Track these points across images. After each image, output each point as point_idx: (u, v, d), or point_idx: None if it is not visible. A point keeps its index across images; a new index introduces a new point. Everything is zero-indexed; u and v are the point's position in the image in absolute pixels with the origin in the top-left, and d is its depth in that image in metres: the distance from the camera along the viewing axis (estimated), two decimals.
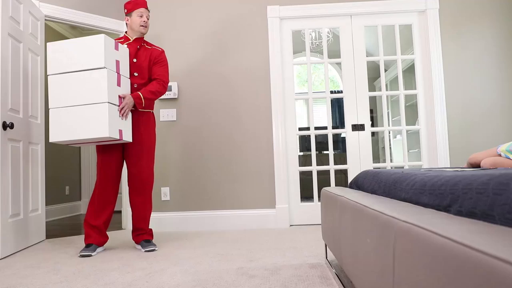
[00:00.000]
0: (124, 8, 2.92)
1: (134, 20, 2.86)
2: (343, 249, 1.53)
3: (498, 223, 0.73)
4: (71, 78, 2.52)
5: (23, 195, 2.98)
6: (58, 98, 2.52)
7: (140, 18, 2.85)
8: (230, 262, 2.33)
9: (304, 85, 8.11)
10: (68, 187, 5.33)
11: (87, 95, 2.49)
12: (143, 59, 2.86)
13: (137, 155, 2.80)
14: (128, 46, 2.85)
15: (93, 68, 2.51)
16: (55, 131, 2.51)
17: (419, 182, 1.15)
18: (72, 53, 2.54)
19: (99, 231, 2.76)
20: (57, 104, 2.52)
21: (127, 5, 2.88)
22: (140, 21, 2.85)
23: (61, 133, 2.50)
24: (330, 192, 1.91)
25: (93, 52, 2.52)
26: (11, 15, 2.87)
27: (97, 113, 2.47)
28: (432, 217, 0.84)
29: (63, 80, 2.53)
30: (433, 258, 0.66)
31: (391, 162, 3.84)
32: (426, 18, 3.74)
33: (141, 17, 2.86)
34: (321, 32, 4.16)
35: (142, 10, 2.87)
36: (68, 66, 2.53)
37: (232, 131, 3.74)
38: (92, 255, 2.63)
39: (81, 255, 2.60)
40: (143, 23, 2.86)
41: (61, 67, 2.54)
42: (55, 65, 2.54)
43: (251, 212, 3.66)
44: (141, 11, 2.86)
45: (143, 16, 2.86)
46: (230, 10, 3.83)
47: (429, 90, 3.72)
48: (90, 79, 2.50)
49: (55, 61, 2.54)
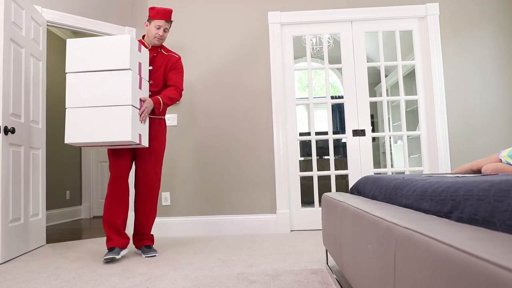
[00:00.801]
0: (149, 12, 2.81)
1: (151, 30, 2.77)
2: (343, 255, 1.53)
3: (499, 229, 0.73)
4: (92, 77, 2.43)
5: (24, 199, 2.98)
6: (76, 98, 2.41)
7: (157, 30, 2.76)
8: (231, 267, 2.32)
9: (305, 90, 8.13)
10: (68, 192, 5.33)
11: (109, 96, 2.40)
12: (158, 66, 2.82)
13: (146, 160, 2.78)
14: None
15: (117, 69, 2.43)
16: (71, 132, 2.41)
17: (420, 188, 1.15)
18: (94, 52, 2.45)
19: (119, 232, 2.68)
20: (75, 104, 2.41)
21: (150, 11, 2.78)
22: (156, 33, 2.76)
23: (78, 134, 2.40)
24: (331, 198, 1.91)
25: (118, 52, 2.44)
26: (14, 20, 2.88)
27: (119, 115, 2.39)
28: (433, 224, 0.84)
29: (83, 79, 2.43)
30: (434, 265, 0.66)
31: (391, 168, 3.84)
32: (427, 24, 3.75)
33: (157, 29, 2.75)
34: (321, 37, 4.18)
35: (161, 23, 2.75)
36: (89, 64, 2.44)
37: (233, 136, 3.74)
38: (117, 257, 2.55)
39: (105, 260, 2.51)
40: (158, 36, 2.76)
41: (82, 65, 2.45)
42: (74, 63, 2.45)
43: (252, 217, 3.66)
44: (160, 23, 2.75)
45: (160, 29, 2.76)
46: (231, 16, 3.85)
47: (430, 95, 3.73)
48: (113, 80, 2.42)
49: (75, 59, 2.45)
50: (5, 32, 2.75)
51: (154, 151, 2.81)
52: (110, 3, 3.88)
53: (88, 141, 2.40)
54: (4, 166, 2.69)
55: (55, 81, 5.12)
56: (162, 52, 2.85)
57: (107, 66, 2.43)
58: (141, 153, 2.79)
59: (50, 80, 4.94)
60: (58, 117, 5.13)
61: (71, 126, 2.41)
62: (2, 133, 2.68)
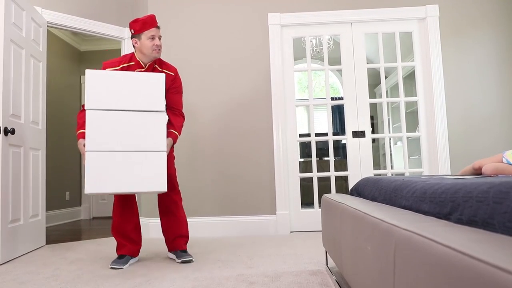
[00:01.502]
0: (130, 29, 2.46)
1: (145, 44, 2.41)
2: (343, 256, 1.53)
3: (499, 231, 0.73)
4: (119, 117, 2.11)
5: (24, 200, 2.98)
6: (98, 140, 2.07)
7: (152, 41, 2.42)
8: (230, 268, 2.32)
9: (304, 92, 8.13)
10: (68, 193, 5.33)
11: (139, 140, 2.11)
12: None
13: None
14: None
15: (150, 110, 2.16)
16: (92, 180, 2.05)
17: (420, 189, 1.15)
18: (121, 88, 2.13)
19: (130, 239, 2.54)
20: (97, 147, 2.07)
21: (134, 25, 2.44)
22: (152, 44, 2.42)
23: (101, 183, 2.06)
24: (331, 199, 1.91)
25: (151, 92, 2.16)
26: (14, 21, 2.89)
27: (152, 162, 2.12)
28: (432, 225, 0.84)
29: (107, 118, 2.09)
30: (433, 266, 0.67)
31: (391, 169, 3.84)
32: (426, 26, 3.75)
33: (152, 40, 2.42)
34: (321, 39, 4.18)
35: (153, 30, 2.43)
36: (115, 102, 2.11)
37: (232, 137, 3.74)
38: (123, 268, 2.40)
39: (112, 268, 2.40)
40: (156, 47, 2.43)
41: (106, 102, 2.11)
42: (96, 99, 2.09)
43: (252, 218, 3.66)
44: (152, 32, 2.43)
45: (155, 38, 2.43)
46: (231, 17, 3.85)
47: (430, 96, 3.73)
48: (145, 122, 2.13)
49: (97, 94, 2.10)
50: (5, 33, 2.75)
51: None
52: (110, 4, 3.88)
53: (113, 191, 2.10)
54: (4, 167, 2.69)
55: (55, 82, 5.12)
56: (157, 68, 2.56)
57: (138, 106, 2.14)
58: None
59: (50, 81, 4.94)
60: (58, 118, 5.13)
61: (93, 173, 2.05)
62: (2, 133, 2.68)
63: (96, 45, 5.85)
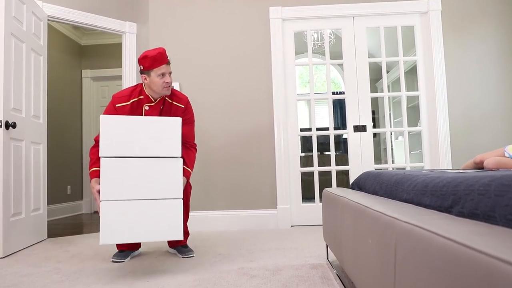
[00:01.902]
0: (139, 64, 2.38)
1: (155, 82, 2.35)
2: (344, 250, 1.53)
3: (500, 224, 0.73)
4: (134, 164, 2.04)
5: (25, 194, 2.99)
6: (114, 189, 2.00)
7: (161, 79, 2.34)
8: (231, 262, 2.33)
9: (306, 86, 8.11)
10: (69, 187, 5.34)
11: (155, 187, 2.05)
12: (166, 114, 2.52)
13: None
14: (151, 108, 2.44)
15: (166, 156, 2.09)
16: (108, 231, 1.98)
17: (421, 183, 1.15)
18: (136, 134, 2.06)
19: None
20: (113, 196, 2.00)
21: (143, 61, 2.34)
22: (162, 82, 2.34)
23: (117, 234, 1.99)
24: (332, 193, 1.91)
25: (167, 137, 2.10)
26: (14, 15, 2.88)
27: (168, 211, 2.06)
28: (433, 218, 0.84)
29: (122, 165, 2.02)
30: (434, 259, 0.67)
31: (392, 163, 3.84)
32: (428, 20, 3.73)
33: (162, 77, 2.34)
34: (323, 33, 4.17)
35: (163, 68, 2.34)
36: (129, 149, 2.05)
37: (233, 132, 3.74)
38: (124, 261, 2.43)
39: (113, 261, 2.42)
40: (165, 84, 2.36)
41: (120, 149, 2.03)
42: (110, 145, 2.02)
43: (252, 212, 3.66)
44: (162, 70, 2.33)
45: (165, 76, 2.35)
46: (232, 11, 3.84)
47: (431, 91, 3.72)
48: (161, 168, 2.07)
49: (111, 140, 2.02)
50: (6, 26, 2.74)
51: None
52: None
53: (129, 241, 2.03)
54: (5, 161, 2.69)
55: (56, 76, 5.12)
56: (167, 100, 2.50)
57: (153, 153, 2.08)
58: None
59: (51, 75, 4.93)
60: (59, 112, 5.13)
61: (108, 223, 1.98)
62: (3, 127, 2.68)
63: (97, 39, 5.83)
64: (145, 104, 2.43)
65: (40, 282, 2.01)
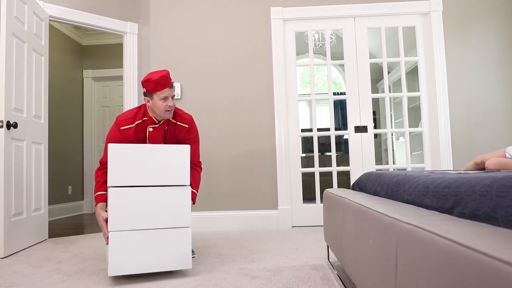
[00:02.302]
0: (143, 87, 2.33)
1: (157, 105, 2.31)
2: (345, 251, 1.53)
3: (501, 225, 0.73)
4: (142, 194, 2.02)
5: (26, 194, 2.99)
6: (123, 219, 1.97)
7: (164, 102, 2.30)
8: (232, 263, 2.33)
9: (307, 87, 8.11)
10: (70, 187, 5.34)
11: (163, 217, 2.03)
12: (170, 137, 2.49)
13: None
14: (155, 130, 2.41)
15: (175, 185, 2.08)
16: (117, 262, 1.94)
17: (422, 184, 1.15)
18: (144, 162, 2.04)
19: None
20: (121, 226, 1.97)
21: (146, 84, 2.29)
22: (165, 105, 2.31)
23: (126, 265, 1.95)
24: (333, 194, 1.91)
25: (175, 166, 2.08)
26: (16, 15, 2.88)
27: (177, 240, 2.04)
28: (435, 219, 0.84)
29: (130, 195, 2.00)
30: (435, 260, 0.66)
31: (393, 164, 3.84)
32: (430, 20, 3.73)
33: (165, 101, 2.30)
34: (324, 33, 4.17)
35: (166, 91, 2.30)
36: (138, 178, 2.02)
37: (234, 132, 3.74)
38: None
39: None
40: (168, 107, 2.32)
41: (128, 178, 2.01)
42: (118, 175, 1.99)
43: (253, 213, 3.66)
44: (165, 93, 2.29)
45: (167, 99, 2.31)
46: (234, 12, 3.84)
47: (432, 92, 3.72)
48: (169, 197, 2.06)
49: (119, 170, 1.99)
50: (7, 26, 2.75)
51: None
52: None
53: (139, 272, 1.99)
54: (6, 161, 2.70)
55: (57, 76, 5.12)
56: (172, 121, 2.48)
57: (162, 181, 2.06)
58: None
59: (52, 75, 4.94)
60: (60, 112, 5.13)
61: (117, 254, 1.95)
62: (4, 127, 2.68)
63: (98, 39, 5.84)
64: (149, 126, 2.41)
65: (41, 282, 2.01)
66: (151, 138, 2.42)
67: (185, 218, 2.07)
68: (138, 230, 1.99)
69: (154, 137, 2.42)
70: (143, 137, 2.41)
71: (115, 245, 1.95)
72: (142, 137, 2.41)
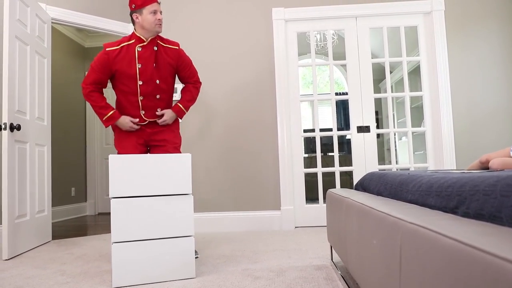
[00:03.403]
0: (131, 3, 2.42)
1: (147, 19, 2.39)
2: (348, 251, 1.53)
3: (506, 225, 0.72)
4: (145, 204, 2.02)
5: (30, 196, 3.00)
6: (125, 230, 1.97)
7: (154, 16, 2.39)
8: (235, 263, 2.33)
9: (309, 87, 8.11)
10: (74, 189, 5.35)
11: (166, 226, 2.03)
12: (162, 63, 2.50)
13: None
14: (143, 48, 2.43)
15: (176, 194, 2.08)
16: (120, 273, 1.94)
17: (426, 183, 1.15)
18: (145, 172, 2.04)
19: None
20: (124, 237, 1.97)
21: (135, 0, 2.40)
22: (155, 19, 2.39)
23: (129, 276, 1.96)
24: (336, 194, 1.90)
25: (177, 174, 2.08)
26: (19, 18, 2.89)
27: (180, 249, 2.04)
28: (439, 219, 0.83)
29: (133, 206, 2.00)
30: (440, 260, 0.66)
31: (396, 164, 3.83)
32: (432, 20, 3.72)
33: (154, 14, 2.39)
34: (326, 34, 4.16)
35: (155, 5, 2.40)
36: (139, 188, 2.02)
37: (237, 133, 3.74)
38: None
39: None
40: (158, 21, 2.41)
41: (130, 188, 2.01)
42: (120, 185, 2.00)
43: (256, 213, 3.66)
44: (154, 7, 2.40)
45: (157, 13, 2.40)
46: (235, 13, 3.84)
47: (435, 91, 3.71)
48: (171, 206, 2.06)
49: (121, 181, 2.00)
50: (10, 29, 2.76)
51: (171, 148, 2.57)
52: (113, 0, 3.88)
53: (142, 283, 1.99)
54: (10, 163, 2.71)
55: (60, 78, 5.14)
56: (161, 44, 2.51)
57: (163, 190, 2.06)
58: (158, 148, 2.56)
59: (54, 77, 4.95)
60: (63, 114, 5.15)
61: (120, 266, 1.95)
62: (8, 130, 2.69)
63: (100, 41, 5.86)
64: (137, 45, 2.43)
65: (45, 284, 2.02)
66: (141, 58, 2.42)
67: (187, 227, 2.07)
68: (141, 241, 1.99)
69: (143, 57, 2.42)
70: (132, 63, 2.42)
71: (118, 256, 1.95)
72: (129, 59, 2.41)
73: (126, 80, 2.43)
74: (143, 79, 2.44)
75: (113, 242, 1.96)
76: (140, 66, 2.42)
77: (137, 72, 2.42)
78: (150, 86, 2.46)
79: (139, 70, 2.42)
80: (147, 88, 2.46)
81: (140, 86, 2.44)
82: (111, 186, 1.99)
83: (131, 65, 2.41)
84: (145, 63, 2.43)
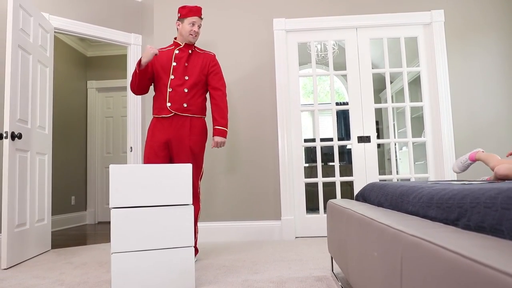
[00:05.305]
0: (178, 12, 2.85)
1: (185, 28, 2.80)
2: (349, 262, 1.52)
3: (507, 237, 0.72)
4: (146, 214, 2.01)
5: (30, 204, 3.00)
6: (125, 240, 1.97)
7: (191, 27, 2.79)
8: (235, 274, 2.31)
9: (309, 97, 8.13)
10: (74, 197, 5.35)
11: (167, 236, 2.02)
12: (195, 64, 2.82)
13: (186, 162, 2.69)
14: (180, 51, 2.82)
15: (177, 204, 2.07)
16: (120, 283, 1.93)
17: (427, 195, 1.15)
18: (146, 182, 2.04)
19: None
20: (124, 247, 1.96)
21: (181, 9, 2.82)
22: (191, 30, 2.79)
23: (129, 286, 1.95)
24: (337, 205, 1.90)
25: (178, 184, 2.08)
26: (22, 27, 2.92)
27: (180, 259, 2.03)
28: (440, 231, 0.83)
29: (133, 216, 1.99)
30: (441, 273, 0.66)
31: (397, 174, 3.82)
32: (432, 31, 3.75)
33: (192, 26, 2.79)
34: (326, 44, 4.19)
35: (195, 19, 2.80)
36: (140, 198, 2.02)
37: (237, 142, 3.75)
38: None
39: None
40: (193, 32, 2.80)
41: (130, 199, 2.00)
42: (121, 196, 1.99)
43: (256, 223, 3.65)
44: (194, 20, 2.79)
45: (194, 25, 2.80)
46: (236, 23, 3.87)
47: (435, 102, 3.72)
48: (172, 217, 2.04)
49: (122, 190, 2.00)
50: (13, 38, 2.78)
51: (195, 154, 2.73)
52: (116, 10, 3.91)
53: None
54: (10, 171, 2.71)
55: (62, 87, 5.16)
56: (196, 50, 2.88)
57: (164, 201, 2.05)
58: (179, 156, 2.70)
59: (56, 86, 4.98)
60: (64, 123, 5.16)
61: (120, 276, 1.94)
62: (9, 138, 2.70)
63: (102, 50, 5.89)
64: (174, 49, 2.84)
65: None
66: (176, 58, 2.81)
67: (187, 238, 2.06)
68: (140, 251, 1.98)
69: (178, 57, 2.81)
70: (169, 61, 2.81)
71: (116, 267, 1.94)
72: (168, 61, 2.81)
73: (162, 73, 2.79)
74: (174, 74, 2.78)
75: (112, 252, 1.95)
76: (175, 64, 2.79)
77: (171, 68, 2.78)
78: (179, 80, 2.77)
79: (173, 68, 2.79)
80: (176, 82, 2.76)
81: (171, 80, 2.76)
82: (111, 196, 1.98)
83: (168, 62, 2.80)
84: (179, 62, 2.80)
